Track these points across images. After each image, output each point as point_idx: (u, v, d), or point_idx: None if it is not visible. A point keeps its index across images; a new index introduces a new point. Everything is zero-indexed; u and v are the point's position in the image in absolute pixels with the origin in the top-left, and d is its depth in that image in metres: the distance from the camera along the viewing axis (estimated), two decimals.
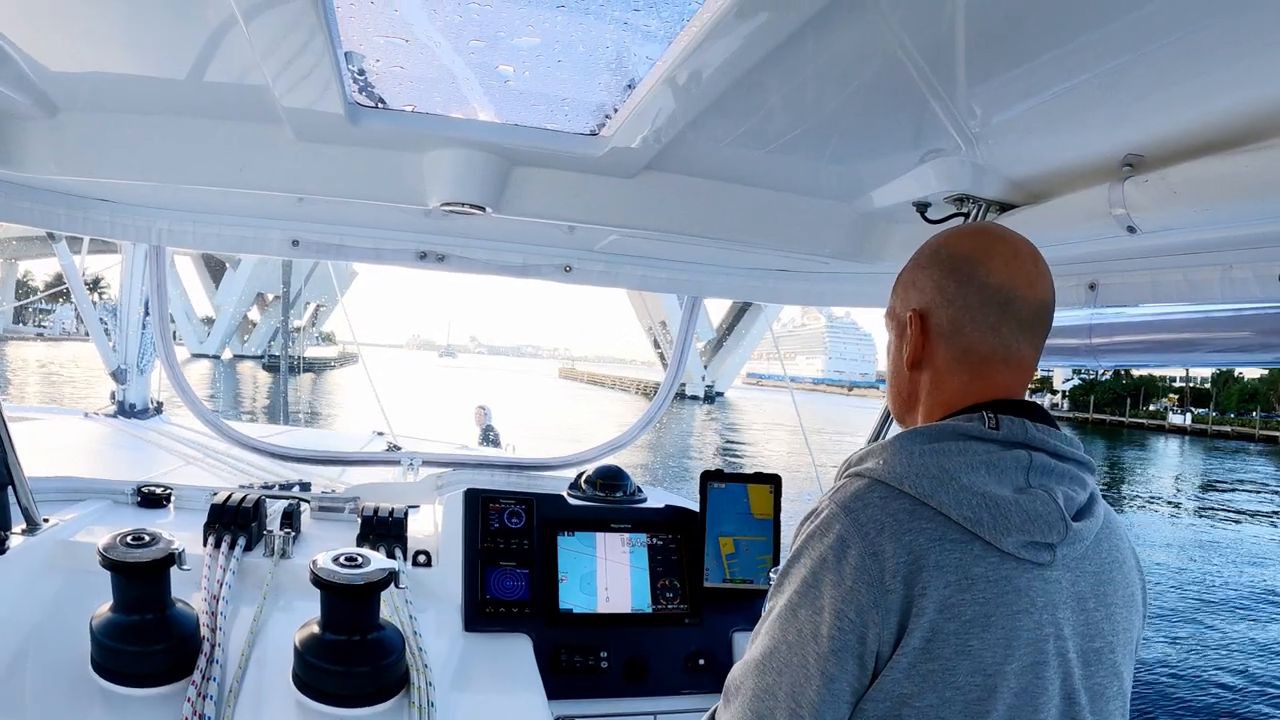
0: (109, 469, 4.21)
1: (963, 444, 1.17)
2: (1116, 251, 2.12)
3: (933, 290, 1.28)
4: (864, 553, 1.10)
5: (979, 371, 1.26)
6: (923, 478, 1.14)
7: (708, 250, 2.77)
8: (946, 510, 1.11)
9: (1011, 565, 1.11)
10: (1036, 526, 1.11)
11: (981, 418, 1.20)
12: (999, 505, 1.11)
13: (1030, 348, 1.27)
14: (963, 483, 1.12)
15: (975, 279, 1.24)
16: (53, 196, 2.44)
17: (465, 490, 2.56)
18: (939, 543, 1.10)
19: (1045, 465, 1.19)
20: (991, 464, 1.15)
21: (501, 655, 2.27)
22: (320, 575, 1.81)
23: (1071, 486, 1.19)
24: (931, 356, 1.29)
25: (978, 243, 1.29)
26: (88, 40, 1.60)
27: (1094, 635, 1.19)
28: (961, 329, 1.25)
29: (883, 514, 1.13)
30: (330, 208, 2.43)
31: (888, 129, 1.81)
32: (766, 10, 1.26)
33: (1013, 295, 1.23)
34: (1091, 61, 1.35)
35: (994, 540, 1.10)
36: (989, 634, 1.08)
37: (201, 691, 1.74)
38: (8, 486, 2.17)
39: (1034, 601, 1.12)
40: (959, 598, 1.08)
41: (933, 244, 1.33)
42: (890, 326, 1.40)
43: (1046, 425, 1.22)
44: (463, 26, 1.43)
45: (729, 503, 2.54)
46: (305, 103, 1.76)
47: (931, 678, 1.07)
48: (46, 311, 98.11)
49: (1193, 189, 1.54)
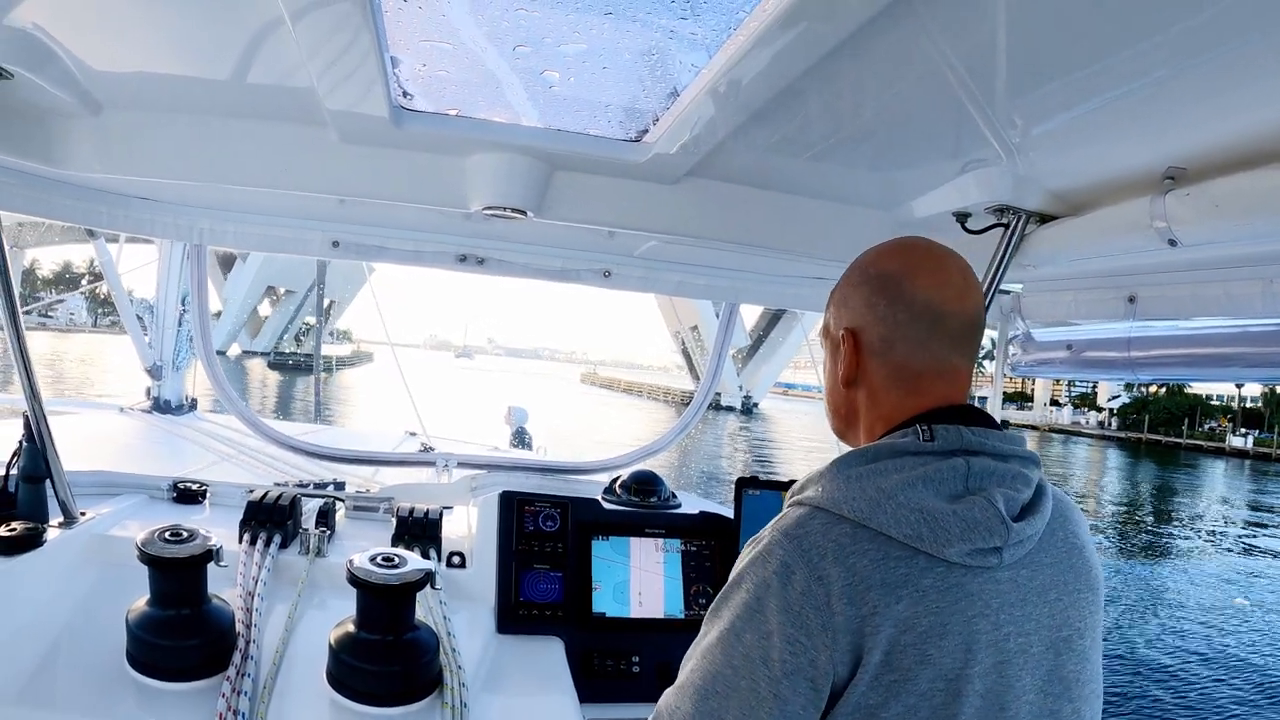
0: (144, 464, 4.26)
1: (898, 461, 1.18)
2: (1156, 264, 2.10)
3: (863, 308, 1.29)
4: (809, 578, 1.10)
5: (913, 386, 1.26)
6: (860, 501, 1.14)
7: (746, 257, 2.76)
8: (887, 530, 1.12)
9: (961, 572, 1.12)
10: (977, 533, 1.11)
11: (916, 431, 1.20)
12: (936, 519, 1.11)
13: (963, 359, 1.27)
14: (899, 501, 1.13)
15: (903, 297, 1.25)
16: (95, 194, 2.48)
17: (500, 492, 2.56)
18: (883, 562, 1.11)
19: (985, 469, 1.18)
20: (928, 477, 1.15)
21: (534, 657, 2.27)
22: (357, 575, 1.82)
23: (1014, 485, 1.18)
24: (866, 374, 1.29)
25: (905, 260, 1.29)
26: (133, 40, 1.63)
27: (1060, 625, 1.19)
28: (893, 346, 1.26)
29: (824, 540, 1.13)
30: (371, 209, 2.45)
31: (928, 138, 1.81)
32: (811, 20, 1.26)
33: (941, 311, 1.24)
34: (1134, 73, 1.35)
35: (936, 553, 1.11)
36: (946, 641, 1.09)
37: (236, 687, 1.75)
38: (45, 480, 2.20)
39: (989, 604, 1.12)
40: (912, 610, 1.09)
41: (862, 261, 1.34)
42: (824, 344, 1.41)
43: (985, 427, 1.22)
44: (509, 31, 1.44)
45: (764, 510, 2.53)
46: (349, 105, 1.77)
47: (895, 688, 1.07)
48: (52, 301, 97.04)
49: (1235, 202, 1.53)
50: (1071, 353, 2.49)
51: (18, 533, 2.03)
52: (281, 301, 79.31)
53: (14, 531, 2.03)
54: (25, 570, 1.99)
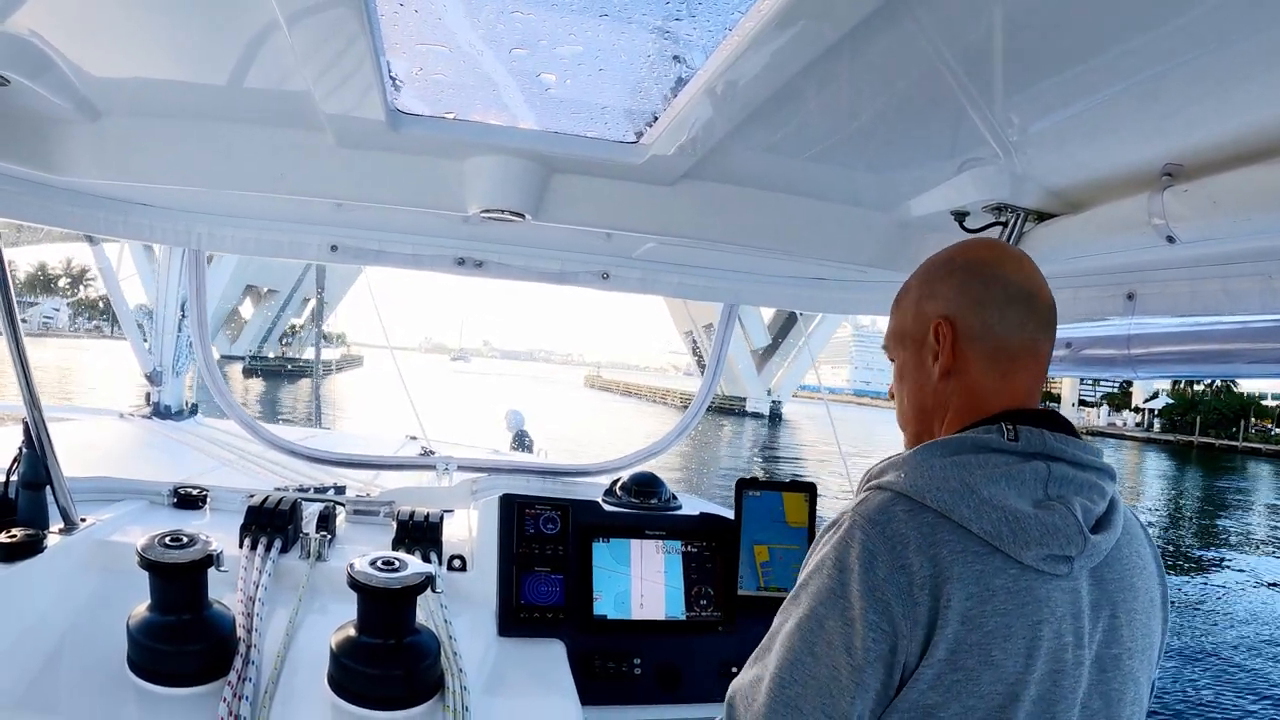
0: (145, 470, 4.27)
1: (982, 456, 1.18)
2: (1155, 261, 2.10)
3: (957, 295, 1.30)
4: (893, 565, 1.11)
5: (1009, 370, 1.27)
6: (944, 491, 1.15)
7: (744, 258, 2.77)
8: (968, 524, 1.12)
9: (1031, 576, 1.12)
10: (1055, 540, 1.12)
11: (1000, 429, 1.21)
12: (1019, 519, 1.12)
13: (1049, 344, 1.31)
14: (983, 496, 1.13)
15: (998, 279, 1.28)
16: (94, 200, 2.48)
17: (501, 495, 2.56)
18: (961, 555, 1.11)
19: (1064, 476, 1.19)
20: (1011, 476, 1.16)
21: (535, 660, 2.27)
22: (358, 579, 1.82)
23: (1090, 496, 1.19)
24: (965, 361, 1.29)
25: (988, 250, 1.34)
26: (130, 46, 1.63)
27: (1111, 642, 1.20)
28: (992, 328, 1.27)
29: (907, 528, 1.13)
30: (369, 213, 2.45)
31: (925, 137, 1.81)
32: (807, 20, 1.26)
33: (1031, 292, 1.28)
34: (1130, 70, 1.35)
35: (1014, 553, 1.11)
36: (1010, 644, 1.09)
37: (237, 692, 1.76)
38: (46, 486, 2.20)
39: (1054, 611, 1.13)
40: (980, 609, 1.09)
41: (942, 258, 1.37)
42: (903, 347, 1.40)
43: (1065, 434, 1.23)
44: (505, 34, 1.44)
45: (764, 511, 2.53)
46: (346, 109, 1.78)
47: (956, 688, 1.08)
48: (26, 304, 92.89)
49: (1232, 199, 1.53)
50: (1071, 350, 2.48)
51: (18, 539, 2.03)
52: (263, 302, 73.32)
53: (14, 538, 2.02)
54: (26, 576, 1.99)
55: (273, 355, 76.39)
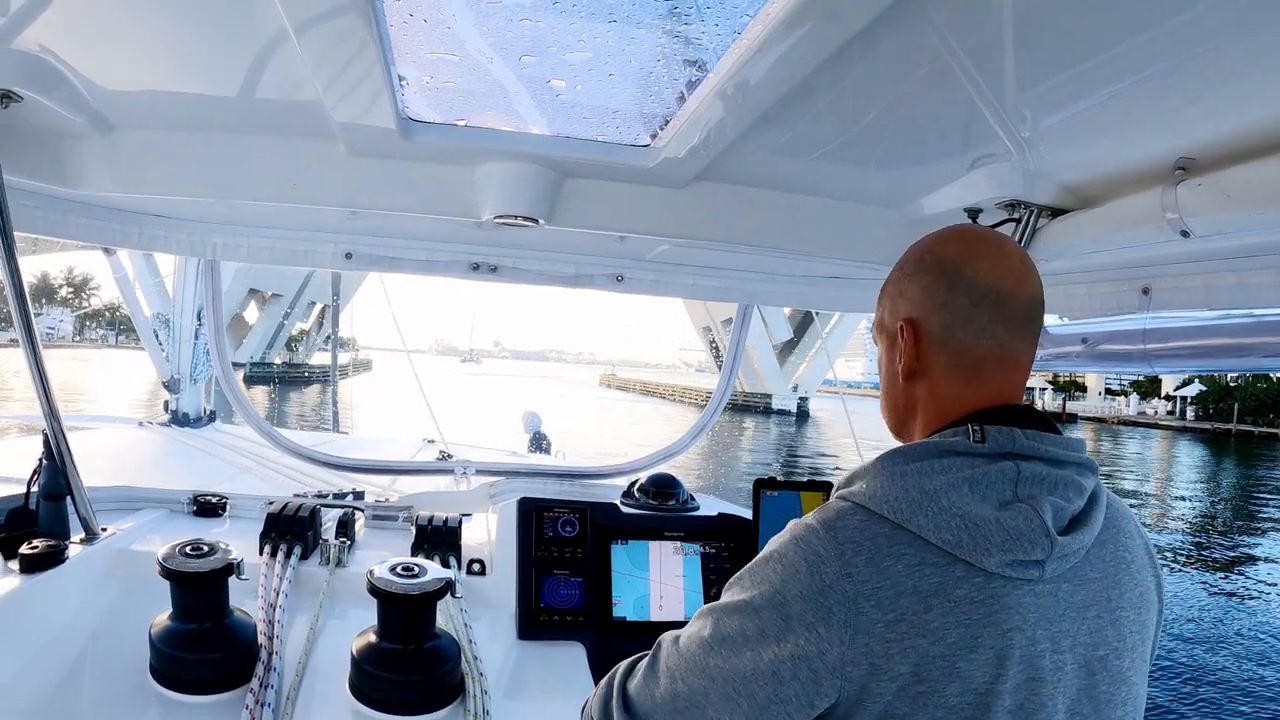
0: (164, 478, 4.29)
1: (946, 460, 1.14)
2: (1169, 256, 2.09)
3: (922, 296, 1.25)
4: (839, 572, 1.08)
5: (975, 375, 1.22)
6: (902, 501, 1.11)
7: (758, 258, 2.76)
8: (925, 534, 1.09)
9: (998, 584, 1.08)
10: (1019, 545, 1.08)
11: (967, 431, 1.17)
12: (979, 526, 1.08)
13: (1025, 346, 1.24)
14: (942, 504, 1.10)
15: (963, 281, 1.22)
16: (110, 213, 2.50)
17: (519, 499, 2.56)
18: (918, 568, 1.08)
19: (1036, 475, 1.14)
20: (975, 480, 1.12)
21: (555, 663, 2.27)
22: (378, 585, 1.83)
23: (1065, 494, 1.15)
24: (926, 365, 1.26)
25: (962, 245, 1.26)
26: (140, 59, 1.64)
27: (1098, 644, 1.15)
28: (954, 332, 1.22)
29: (861, 538, 1.11)
30: (383, 220, 2.46)
31: (937, 134, 1.80)
32: (817, 21, 1.26)
33: (1003, 294, 1.20)
34: (1142, 64, 1.34)
35: (975, 561, 1.07)
36: (977, 655, 1.06)
37: (259, 699, 1.77)
38: (66, 497, 2.22)
39: (1025, 618, 1.09)
40: (942, 621, 1.05)
41: (916, 250, 1.31)
42: (880, 339, 1.37)
43: (1040, 430, 1.18)
44: (514, 42, 1.44)
45: (782, 510, 2.52)
46: (357, 117, 1.78)
47: (922, 699, 1.05)
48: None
49: (1247, 192, 1.51)
50: (1087, 346, 2.47)
51: (40, 550, 2.05)
52: (268, 306, 69.91)
53: (36, 549, 2.04)
54: (48, 587, 2.01)
55: (279, 361, 73.19)
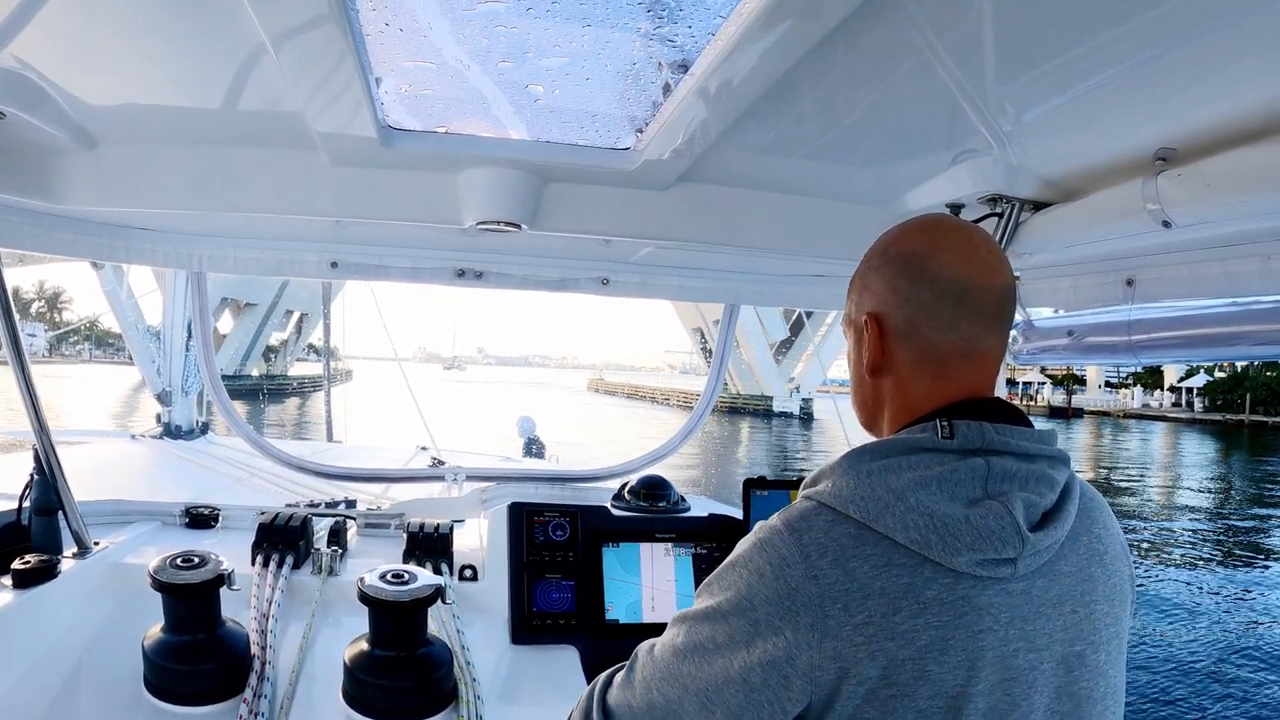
0: (157, 490, 4.29)
1: (914, 458, 1.11)
2: (1153, 246, 2.10)
3: (886, 291, 1.22)
4: (805, 575, 1.06)
5: (941, 370, 1.19)
6: (868, 500, 1.08)
7: (743, 258, 2.77)
8: (893, 534, 1.06)
9: (969, 584, 1.05)
10: (989, 543, 1.05)
11: (935, 427, 1.14)
12: (948, 525, 1.05)
13: (994, 339, 1.20)
14: (909, 503, 1.06)
15: (927, 275, 1.18)
16: (94, 227, 2.50)
17: (510, 504, 2.57)
18: (885, 569, 1.05)
19: (1006, 471, 1.11)
20: (943, 478, 1.09)
21: (549, 667, 2.27)
22: (368, 593, 1.83)
23: (1037, 489, 1.12)
24: (892, 360, 1.23)
25: (927, 237, 1.23)
26: (122, 74, 1.64)
27: (1074, 639, 1.13)
28: (918, 327, 1.19)
29: (826, 539, 1.08)
30: (368, 229, 2.46)
31: (919, 130, 1.81)
32: (794, 18, 1.26)
33: (968, 286, 1.17)
34: (1121, 56, 1.34)
35: (945, 562, 1.04)
36: (948, 657, 1.03)
37: (253, 709, 1.77)
38: (58, 511, 2.22)
39: (997, 619, 1.06)
40: (911, 624, 1.03)
41: (882, 243, 1.28)
42: (847, 333, 1.34)
43: (1011, 424, 1.15)
44: (491, 49, 1.45)
45: (773, 509, 2.51)
46: (338, 127, 1.79)
47: (892, 703, 1.03)
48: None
49: (1227, 181, 1.52)
50: (1073, 339, 2.48)
51: (32, 565, 2.05)
52: (242, 316, 66.90)
53: (28, 564, 2.05)
54: (41, 602, 2.02)
55: (256, 373, 69.38)
